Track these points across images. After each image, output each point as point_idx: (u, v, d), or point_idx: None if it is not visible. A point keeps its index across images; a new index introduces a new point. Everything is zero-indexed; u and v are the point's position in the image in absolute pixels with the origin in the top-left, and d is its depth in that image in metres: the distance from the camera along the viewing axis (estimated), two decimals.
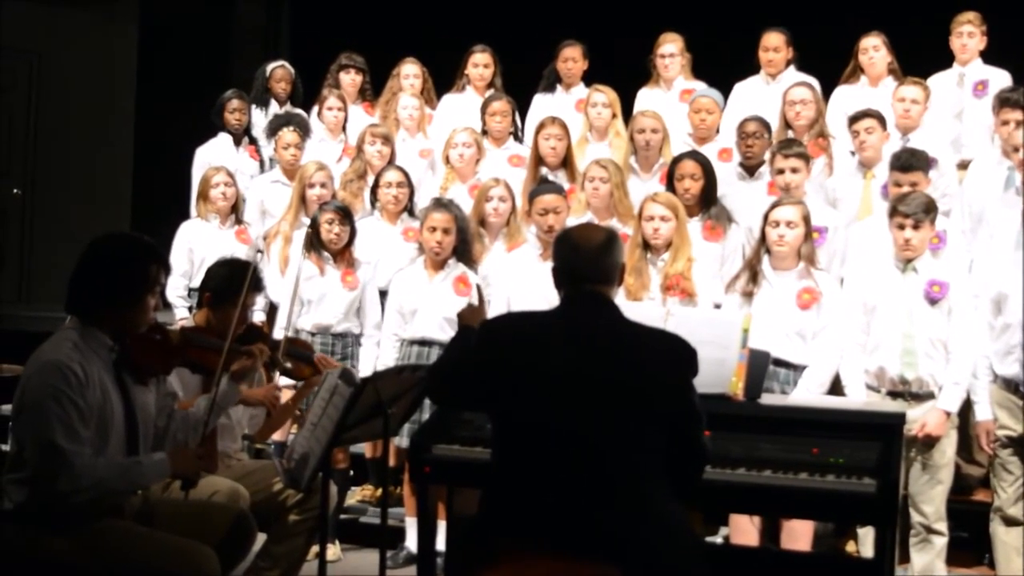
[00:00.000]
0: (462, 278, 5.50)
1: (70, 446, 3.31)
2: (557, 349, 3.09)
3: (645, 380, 3.06)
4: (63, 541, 3.39)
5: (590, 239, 3.26)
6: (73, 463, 3.30)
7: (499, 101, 6.95)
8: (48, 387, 3.33)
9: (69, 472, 3.29)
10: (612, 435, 3.02)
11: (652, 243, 5.23)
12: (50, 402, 3.31)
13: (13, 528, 3.42)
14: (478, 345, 3.27)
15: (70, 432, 3.32)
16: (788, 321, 4.85)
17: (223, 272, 4.45)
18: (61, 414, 3.31)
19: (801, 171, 5.59)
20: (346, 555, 5.56)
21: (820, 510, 3.81)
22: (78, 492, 3.33)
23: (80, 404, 3.36)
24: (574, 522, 2.97)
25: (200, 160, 7.41)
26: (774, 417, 3.90)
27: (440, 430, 3.96)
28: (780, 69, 7.01)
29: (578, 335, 3.11)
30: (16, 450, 3.47)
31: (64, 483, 3.29)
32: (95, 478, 3.36)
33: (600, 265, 3.21)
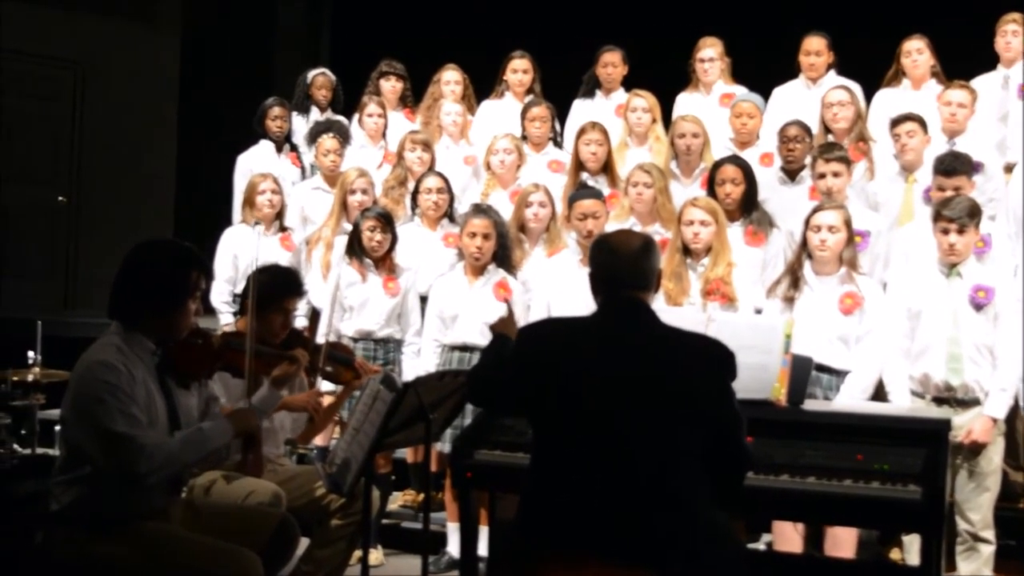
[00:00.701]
0: (502, 283, 5.51)
1: (134, 430, 3.36)
2: (595, 355, 3.10)
3: (684, 384, 3.06)
4: (110, 543, 3.43)
5: (627, 245, 3.26)
6: (143, 444, 3.35)
7: (538, 107, 6.96)
8: (99, 383, 3.37)
9: (141, 454, 3.34)
10: (651, 440, 3.01)
11: (692, 248, 5.21)
12: (104, 395, 3.36)
13: (62, 530, 3.45)
14: (517, 349, 3.28)
15: (130, 419, 3.37)
16: (830, 326, 4.82)
17: (264, 279, 4.48)
18: (117, 404, 3.36)
19: (843, 175, 5.56)
20: (388, 560, 5.57)
21: (864, 517, 3.78)
22: (156, 471, 3.38)
23: (132, 393, 3.41)
24: (614, 528, 2.96)
25: (242, 167, 7.47)
26: (818, 423, 3.87)
27: (482, 435, 3.97)
28: (821, 73, 6.97)
29: (616, 341, 3.12)
30: (66, 453, 3.52)
31: (142, 465, 3.34)
32: (166, 453, 3.41)
33: (638, 271, 3.21)
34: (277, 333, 4.40)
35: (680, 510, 2.99)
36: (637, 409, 3.02)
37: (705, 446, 3.05)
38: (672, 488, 3.01)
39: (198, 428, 3.59)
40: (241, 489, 4.11)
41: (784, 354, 3.90)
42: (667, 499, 2.99)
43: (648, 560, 2.92)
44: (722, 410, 3.09)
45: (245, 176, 7.03)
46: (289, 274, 4.65)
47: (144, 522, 3.51)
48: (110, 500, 3.46)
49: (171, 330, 3.61)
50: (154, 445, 3.38)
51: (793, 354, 3.94)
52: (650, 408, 3.02)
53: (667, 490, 3.00)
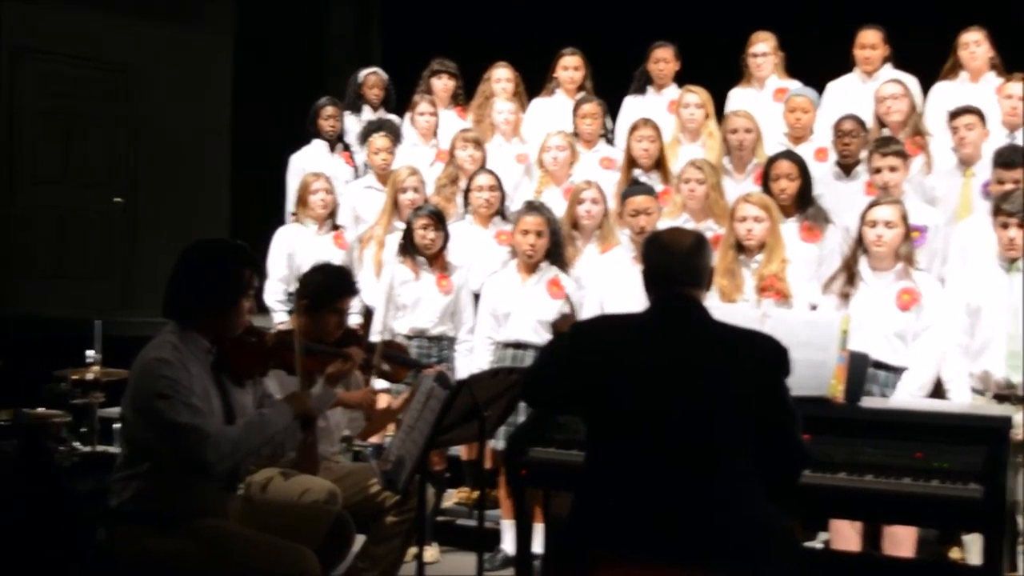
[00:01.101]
0: (555, 281, 5.50)
1: (198, 420, 3.40)
2: (647, 352, 3.09)
3: (737, 381, 3.04)
4: (169, 540, 3.47)
5: (679, 242, 3.25)
6: (209, 433, 3.39)
7: (589, 103, 6.94)
8: (159, 379, 3.41)
9: (207, 442, 3.37)
10: (704, 438, 3.00)
11: (745, 244, 5.18)
12: (165, 390, 3.39)
13: (122, 527, 3.50)
14: (569, 347, 3.27)
15: (193, 410, 3.41)
16: (887, 322, 4.76)
17: (318, 279, 4.52)
18: (179, 397, 3.39)
19: (899, 170, 5.49)
20: (443, 557, 5.59)
21: (924, 516, 3.74)
22: (222, 459, 3.41)
23: (191, 386, 3.45)
24: (666, 527, 2.95)
25: (295, 167, 7.52)
26: (875, 420, 3.84)
27: (536, 433, 3.97)
28: (876, 67, 6.88)
29: (668, 338, 3.11)
30: (127, 451, 3.56)
31: (209, 454, 3.37)
32: (231, 440, 3.44)
33: (690, 268, 3.20)
34: (332, 332, 4.43)
35: (734, 508, 2.98)
36: (689, 406, 3.01)
37: (759, 443, 3.03)
38: (725, 486, 2.99)
39: (258, 413, 3.63)
40: (297, 486, 4.14)
41: (841, 351, 3.87)
42: (720, 497, 2.98)
43: (701, 560, 2.91)
44: (776, 406, 3.06)
45: (298, 176, 7.07)
46: (342, 273, 4.67)
47: (203, 519, 3.54)
48: (170, 497, 3.50)
49: (225, 329, 3.64)
50: (218, 433, 3.42)
51: (850, 351, 3.91)
52: (702, 405, 3.01)
53: (720, 488, 2.99)
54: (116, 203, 9.53)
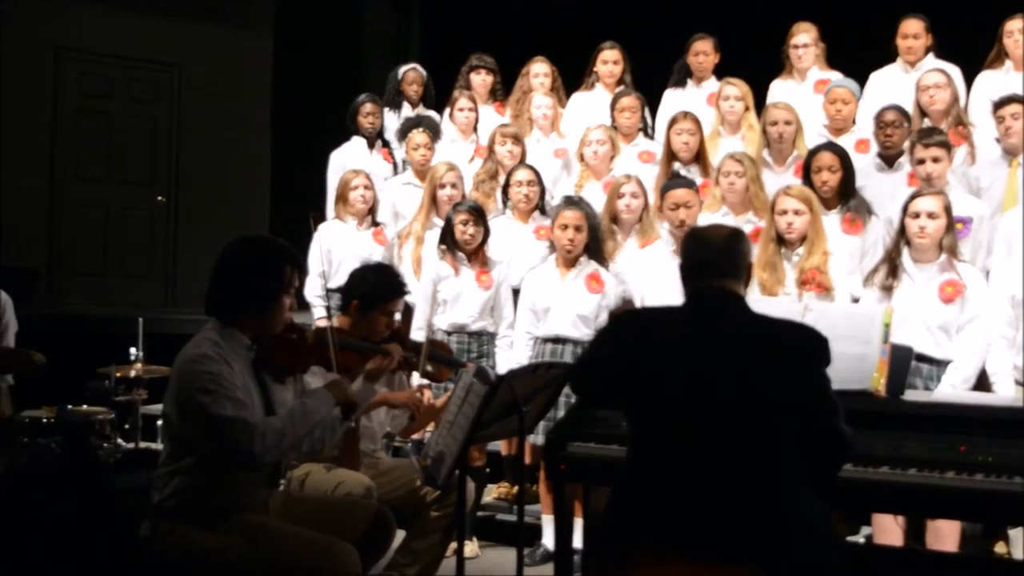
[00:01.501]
0: (594, 275, 5.49)
1: (243, 413, 3.41)
2: (684, 345, 3.08)
3: (775, 371, 3.02)
4: (212, 535, 3.48)
5: (717, 236, 3.25)
6: (255, 424, 3.40)
7: (628, 97, 6.92)
8: (201, 374, 3.42)
9: (254, 434, 3.38)
10: (743, 430, 2.98)
11: (786, 237, 5.13)
12: (208, 385, 3.40)
13: (165, 523, 3.52)
14: (610, 340, 3.28)
15: (237, 403, 3.42)
16: (931, 315, 4.71)
17: (372, 280, 4.51)
18: (222, 391, 3.40)
19: (943, 160, 5.43)
20: (484, 552, 5.59)
21: (967, 510, 3.68)
22: (269, 450, 3.42)
23: (233, 380, 3.46)
24: (706, 522, 2.93)
25: (335, 164, 7.55)
26: (919, 414, 3.79)
27: (575, 428, 3.96)
28: (919, 57, 6.81)
29: (704, 331, 3.10)
30: (170, 448, 3.59)
31: (257, 445, 3.38)
32: (276, 430, 3.45)
33: (727, 261, 3.19)
34: (381, 332, 4.44)
35: (775, 502, 2.96)
36: (727, 399, 2.99)
37: (800, 434, 3.01)
38: (766, 480, 2.97)
39: (300, 402, 3.62)
40: (332, 479, 4.15)
41: (883, 344, 3.83)
42: (761, 491, 2.96)
43: (743, 554, 2.89)
44: (816, 396, 3.04)
45: (338, 173, 7.10)
46: (393, 274, 4.67)
47: (244, 514, 3.56)
48: (212, 492, 3.52)
49: (266, 326, 3.65)
50: (263, 424, 3.43)
51: (892, 344, 3.87)
52: (741, 397, 2.99)
53: (761, 482, 2.97)
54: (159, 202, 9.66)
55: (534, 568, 5.29)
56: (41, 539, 4.22)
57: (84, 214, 9.46)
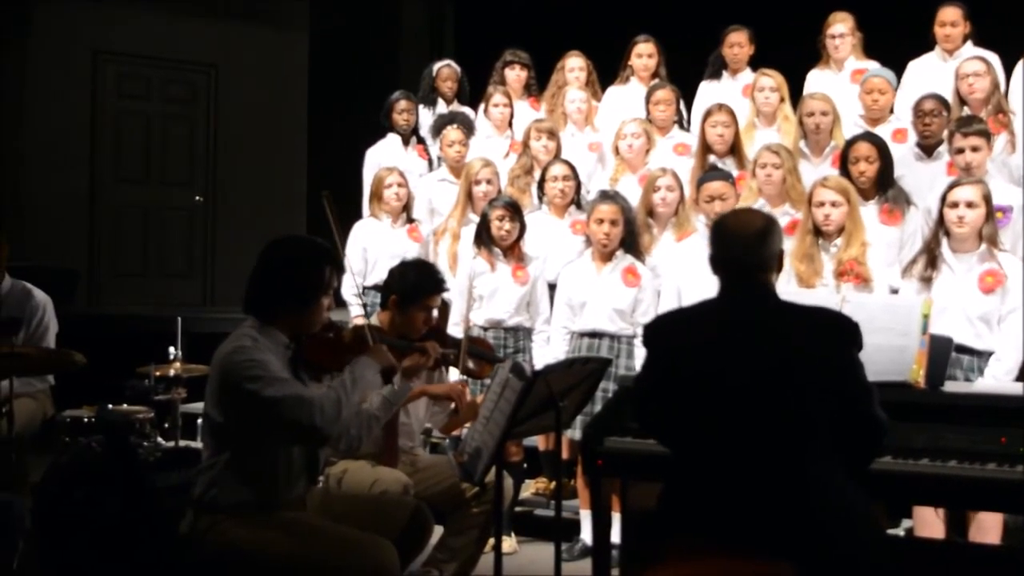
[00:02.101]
0: (630, 269, 5.47)
1: (296, 389, 3.44)
2: (716, 339, 3.10)
3: (807, 359, 3.02)
4: (251, 530, 3.50)
5: (747, 226, 3.24)
6: (311, 399, 3.43)
7: (663, 90, 6.90)
8: (244, 364, 3.45)
9: (312, 407, 3.41)
10: (781, 421, 2.99)
11: (823, 229, 5.09)
12: (255, 372, 3.43)
13: (205, 519, 3.55)
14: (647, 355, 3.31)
15: (286, 382, 3.45)
16: (970, 305, 4.66)
17: (410, 276, 4.52)
18: (269, 375, 3.43)
19: (982, 149, 5.36)
20: (522, 548, 5.59)
21: (1009, 502, 3.64)
22: (332, 420, 3.44)
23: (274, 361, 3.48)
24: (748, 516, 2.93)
25: (370, 161, 7.56)
26: (959, 405, 3.76)
27: (612, 423, 3.96)
28: (957, 45, 6.73)
29: (736, 322, 3.11)
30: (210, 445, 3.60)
31: (318, 418, 3.41)
32: (332, 400, 3.47)
33: (757, 252, 3.18)
34: (419, 329, 4.44)
35: (818, 493, 2.95)
36: (764, 392, 3.00)
37: (836, 421, 3.00)
38: (806, 471, 2.98)
39: (348, 370, 3.62)
40: (371, 477, 4.16)
41: (922, 335, 3.80)
42: (802, 482, 2.96)
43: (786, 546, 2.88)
44: (849, 381, 3.04)
45: (374, 170, 7.10)
46: (432, 271, 4.68)
47: (283, 511, 3.58)
48: (251, 488, 3.54)
49: (305, 325, 3.67)
50: (320, 396, 3.45)
51: (932, 335, 3.84)
52: (776, 387, 2.99)
53: (801, 473, 2.97)
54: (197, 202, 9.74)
55: (572, 563, 5.28)
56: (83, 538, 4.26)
57: (123, 215, 9.57)
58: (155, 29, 9.49)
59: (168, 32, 9.56)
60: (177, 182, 9.79)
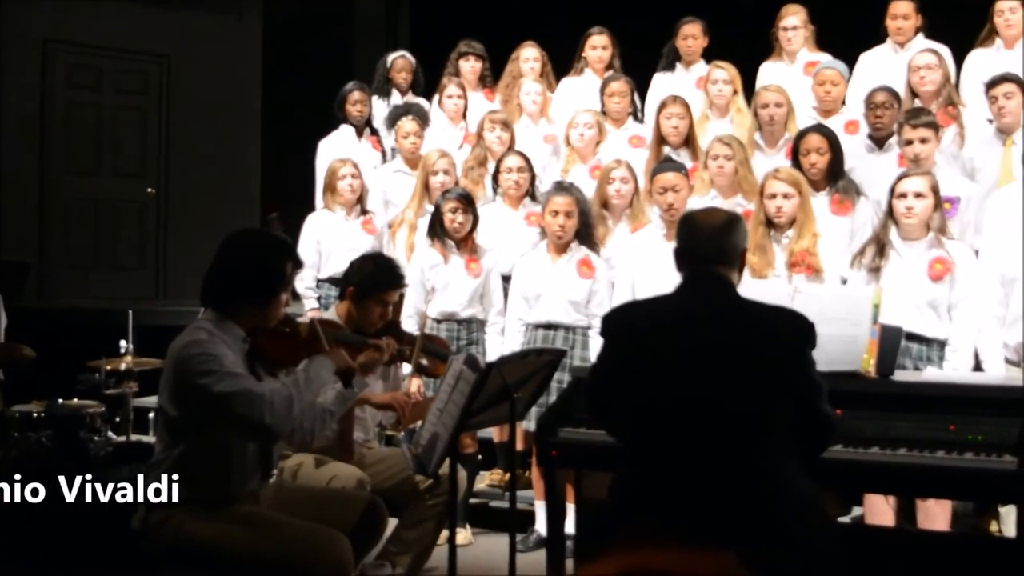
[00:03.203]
0: (585, 261, 5.48)
1: (247, 385, 3.41)
2: (675, 331, 3.11)
3: (763, 355, 3.04)
4: (205, 525, 3.48)
5: (710, 221, 3.26)
6: (261, 395, 3.39)
7: (617, 81, 6.90)
8: (198, 358, 3.41)
9: (262, 404, 3.38)
10: (735, 414, 3.00)
11: (776, 221, 5.11)
12: (208, 367, 3.39)
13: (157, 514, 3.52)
14: (604, 346, 3.31)
15: (239, 377, 3.41)
16: (920, 293, 4.70)
17: (368, 270, 4.51)
18: (222, 370, 3.39)
19: (930, 141, 5.41)
20: (477, 539, 5.60)
21: (958, 489, 3.70)
22: (282, 417, 3.41)
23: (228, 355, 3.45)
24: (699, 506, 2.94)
25: (323, 152, 7.52)
26: (908, 394, 3.81)
27: (566, 413, 3.97)
28: (909, 37, 6.78)
29: (695, 315, 3.12)
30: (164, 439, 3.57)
31: (268, 416, 3.38)
32: (285, 397, 3.44)
33: (718, 247, 3.20)
34: (374, 323, 4.43)
35: (768, 485, 2.97)
36: (718, 385, 3.01)
37: (790, 416, 3.03)
38: (758, 462, 2.99)
39: (302, 369, 3.61)
40: (326, 472, 4.15)
41: (873, 324, 3.83)
42: (752, 474, 2.97)
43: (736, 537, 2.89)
44: (802, 379, 3.07)
45: (327, 161, 7.05)
46: (392, 266, 4.66)
47: (237, 505, 3.56)
48: (204, 483, 3.52)
49: (263, 320, 3.65)
50: (271, 392, 3.42)
51: (882, 324, 3.87)
52: (731, 383, 3.00)
53: (753, 465, 2.98)
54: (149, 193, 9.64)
55: (527, 554, 5.27)
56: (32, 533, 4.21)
57: (74, 207, 9.45)
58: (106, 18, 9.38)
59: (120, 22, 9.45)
60: (129, 174, 9.68)
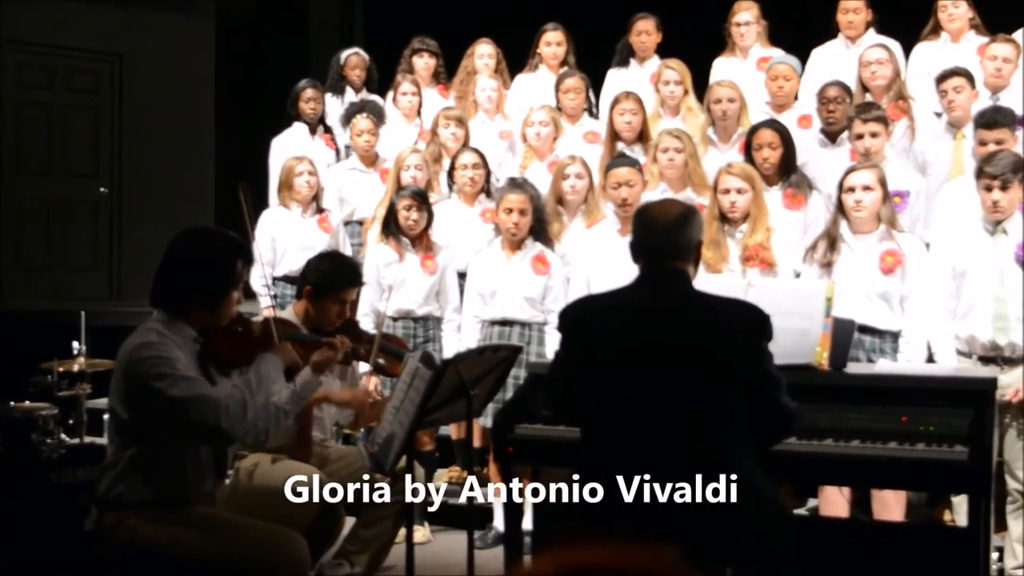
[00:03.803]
0: (540, 257, 5.49)
1: (202, 390, 3.38)
2: (631, 324, 3.12)
3: (718, 348, 3.06)
4: (158, 528, 3.45)
5: (666, 214, 3.26)
6: (217, 400, 3.37)
7: (572, 78, 6.91)
8: (150, 361, 3.39)
9: (218, 408, 3.36)
10: (691, 406, 3.02)
11: (729, 216, 5.15)
12: (161, 370, 3.37)
13: (111, 516, 3.49)
14: (562, 341, 3.32)
15: (193, 381, 3.39)
16: (871, 285, 4.75)
17: (325, 267, 4.49)
18: (176, 373, 3.37)
19: (881, 135, 5.47)
20: (435, 537, 5.59)
21: (911, 480, 3.74)
22: (238, 420, 3.39)
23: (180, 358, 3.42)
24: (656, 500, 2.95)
25: (277, 150, 7.47)
26: (861, 386, 3.85)
27: (523, 410, 3.97)
28: (860, 32, 6.85)
29: (651, 309, 3.14)
30: (116, 441, 3.54)
31: (224, 420, 3.36)
32: (239, 401, 3.42)
33: (673, 240, 3.21)
34: (332, 321, 4.41)
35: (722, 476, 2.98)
36: (675, 378, 3.03)
37: (746, 409, 3.04)
38: (714, 456, 3.01)
39: (253, 369, 3.58)
40: (283, 472, 4.13)
41: (825, 318, 3.86)
42: (709, 468, 2.98)
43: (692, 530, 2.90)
44: (758, 371, 3.09)
45: (280, 159, 7.02)
46: (349, 264, 4.65)
47: (191, 506, 3.53)
48: (158, 485, 3.49)
49: (214, 319, 3.62)
50: (226, 396, 3.40)
51: (835, 318, 3.91)
52: (687, 376, 3.03)
53: (709, 459, 3.00)
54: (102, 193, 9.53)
55: (486, 551, 5.29)
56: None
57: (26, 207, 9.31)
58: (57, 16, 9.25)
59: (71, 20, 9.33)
60: (81, 173, 9.55)
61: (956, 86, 5.75)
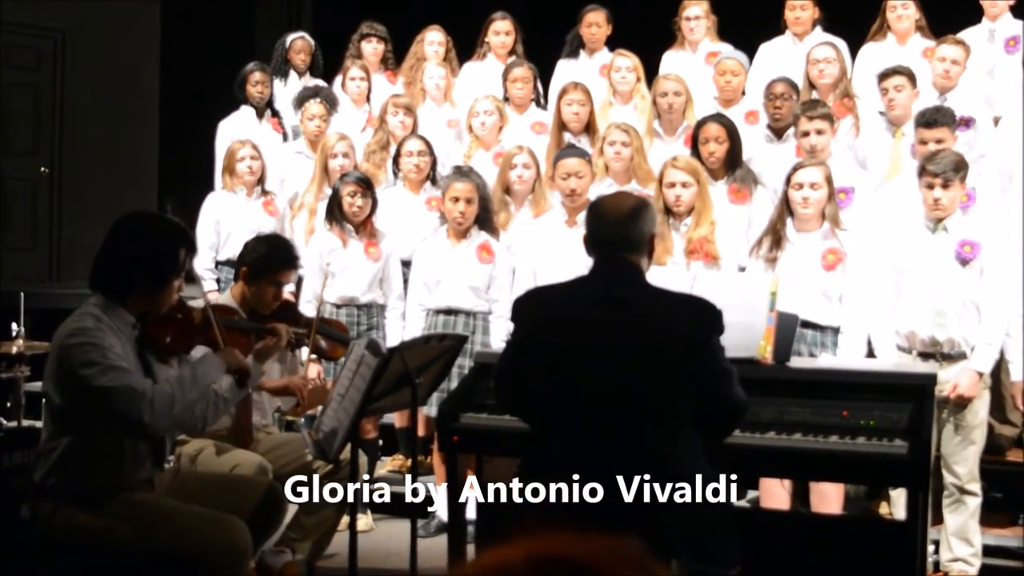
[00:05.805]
0: (485, 246, 5.49)
1: (129, 380, 3.34)
2: (583, 316, 3.13)
3: (671, 342, 3.08)
4: (97, 515, 3.42)
5: (618, 207, 3.27)
6: (143, 393, 3.34)
7: (520, 68, 6.91)
8: (81, 348, 3.35)
9: (143, 402, 3.32)
10: (641, 400, 3.04)
11: (674, 209, 5.17)
12: (91, 357, 3.33)
13: (48, 503, 3.44)
14: (513, 331, 3.32)
15: (121, 371, 3.35)
16: (813, 282, 4.80)
17: (261, 249, 4.46)
18: (105, 362, 3.33)
19: (826, 132, 5.52)
20: (377, 525, 5.58)
21: (851, 473, 3.80)
22: (160, 417, 3.36)
23: (115, 346, 3.38)
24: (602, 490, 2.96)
25: (223, 133, 7.40)
26: (803, 380, 3.90)
27: (468, 399, 3.97)
28: (807, 29, 6.90)
29: (603, 301, 3.14)
30: (53, 427, 3.50)
31: (147, 414, 3.32)
32: (167, 396, 3.39)
33: (625, 233, 3.21)
34: (269, 304, 4.39)
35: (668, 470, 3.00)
36: (625, 370, 3.04)
37: (695, 401, 3.07)
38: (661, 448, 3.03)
39: (191, 367, 3.57)
40: (227, 460, 4.10)
41: (769, 312, 3.90)
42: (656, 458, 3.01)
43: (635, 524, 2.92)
44: (710, 365, 3.11)
45: (226, 142, 6.95)
46: (286, 247, 4.62)
47: (128, 493, 3.49)
48: (94, 472, 3.45)
49: (156, 306, 3.58)
50: (152, 390, 3.37)
51: (779, 312, 3.94)
52: (638, 369, 3.04)
53: (656, 450, 3.02)
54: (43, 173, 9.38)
55: (428, 539, 5.29)
56: None
57: None
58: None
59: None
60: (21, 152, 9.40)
61: (897, 85, 5.81)
